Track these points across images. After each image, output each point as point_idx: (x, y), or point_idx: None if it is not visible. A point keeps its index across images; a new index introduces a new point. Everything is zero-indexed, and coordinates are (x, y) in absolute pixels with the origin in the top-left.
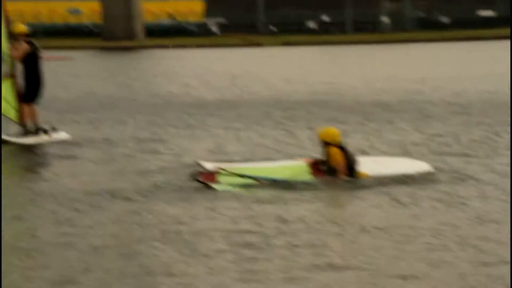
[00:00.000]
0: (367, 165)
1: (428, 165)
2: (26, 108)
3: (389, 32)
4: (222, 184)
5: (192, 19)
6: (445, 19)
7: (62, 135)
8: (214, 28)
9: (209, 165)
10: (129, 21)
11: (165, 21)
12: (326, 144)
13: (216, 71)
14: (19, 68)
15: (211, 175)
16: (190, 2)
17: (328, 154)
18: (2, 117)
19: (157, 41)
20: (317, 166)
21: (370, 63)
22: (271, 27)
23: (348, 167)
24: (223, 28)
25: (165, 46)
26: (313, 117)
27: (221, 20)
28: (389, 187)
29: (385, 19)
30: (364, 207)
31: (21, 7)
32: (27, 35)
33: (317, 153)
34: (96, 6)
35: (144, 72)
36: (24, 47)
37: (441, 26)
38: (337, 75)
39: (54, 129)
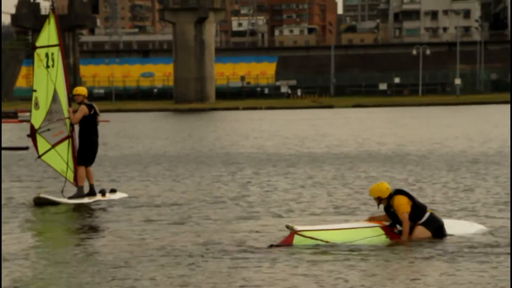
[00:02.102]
0: None
1: (486, 228)
2: (80, 170)
3: (461, 94)
4: (297, 243)
5: (264, 81)
6: None
7: (119, 195)
8: (287, 90)
9: (300, 228)
10: (201, 84)
11: (236, 83)
12: (385, 199)
13: (281, 131)
14: (76, 129)
15: (288, 239)
16: (262, 65)
17: (393, 205)
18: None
19: (228, 103)
20: (391, 229)
21: (439, 124)
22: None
23: (415, 210)
24: (295, 90)
25: (236, 108)
26: (373, 174)
27: (293, 82)
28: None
29: (457, 81)
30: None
31: (96, 71)
32: (87, 98)
33: (372, 206)
34: (168, 69)
35: (211, 133)
36: (83, 110)
37: None
38: (403, 135)
39: (113, 191)
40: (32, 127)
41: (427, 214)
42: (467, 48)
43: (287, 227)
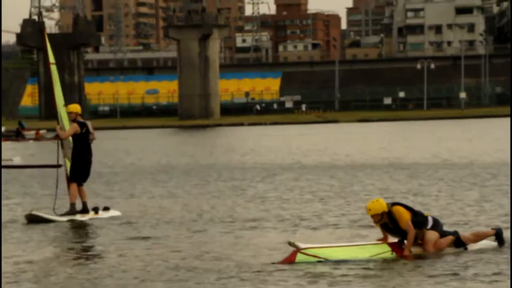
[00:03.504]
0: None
1: (493, 243)
2: (72, 187)
3: (467, 108)
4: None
5: (268, 97)
6: None
7: (112, 213)
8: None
9: (303, 245)
10: (205, 100)
11: (241, 99)
12: (384, 215)
13: (286, 145)
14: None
15: (290, 257)
16: (266, 80)
17: (395, 217)
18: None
19: (233, 119)
20: (398, 245)
21: (443, 138)
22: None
23: (416, 217)
24: (299, 105)
25: (241, 124)
26: (370, 187)
27: (297, 97)
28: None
29: (462, 95)
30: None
31: (100, 88)
32: (81, 115)
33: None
34: (173, 86)
35: (214, 148)
36: (74, 128)
37: None
38: (404, 149)
39: (106, 208)
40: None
41: (429, 218)
42: (471, 62)
43: (290, 244)
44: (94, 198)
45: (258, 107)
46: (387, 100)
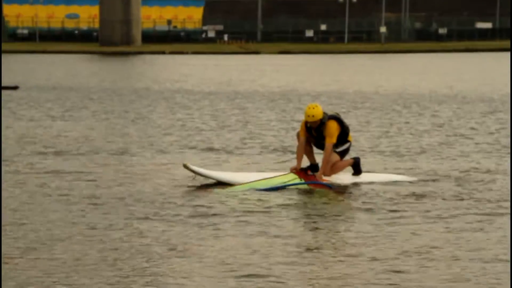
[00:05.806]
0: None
1: (409, 177)
2: None
3: (387, 43)
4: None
5: (191, 26)
6: (442, 31)
7: None
8: (213, 35)
9: (199, 169)
10: (127, 27)
11: (163, 27)
12: (321, 123)
13: (200, 73)
14: None
15: None
16: (189, 9)
17: (324, 131)
18: None
19: (155, 47)
20: (304, 172)
21: (363, 72)
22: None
23: (340, 136)
24: (221, 34)
25: (162, 52)
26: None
27: (220, 27)
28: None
29: (383, 30)
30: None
31: (19, 10)
32: None
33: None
34: (94, 11)
35: (127, 73)
36: None
37: (438, 38)
38: (321, 81)
39: None
40: None
41: (347, 144)
42: None
43: (184, 166)
44: None
45: (309, 33)
46: (309, 33)
